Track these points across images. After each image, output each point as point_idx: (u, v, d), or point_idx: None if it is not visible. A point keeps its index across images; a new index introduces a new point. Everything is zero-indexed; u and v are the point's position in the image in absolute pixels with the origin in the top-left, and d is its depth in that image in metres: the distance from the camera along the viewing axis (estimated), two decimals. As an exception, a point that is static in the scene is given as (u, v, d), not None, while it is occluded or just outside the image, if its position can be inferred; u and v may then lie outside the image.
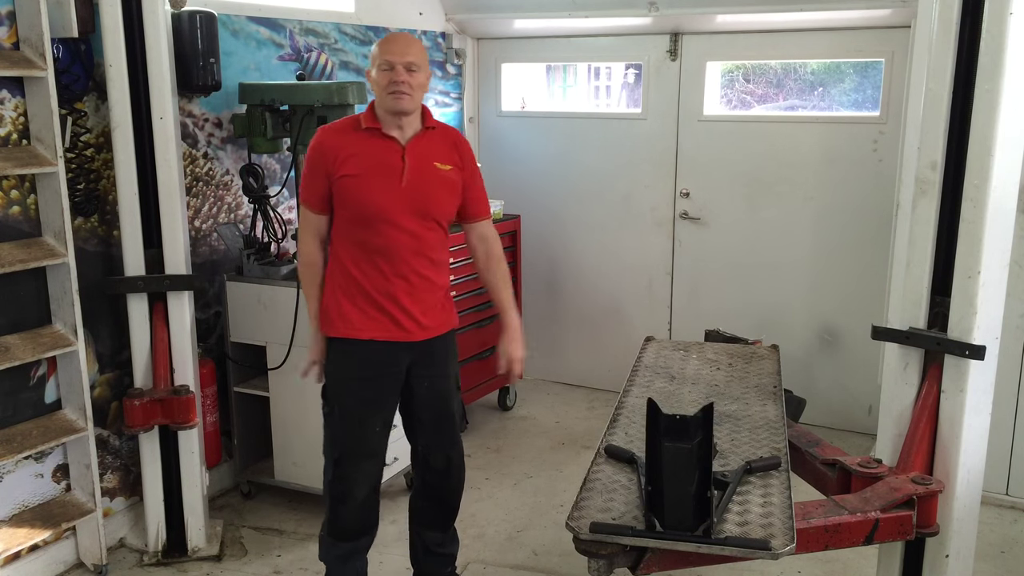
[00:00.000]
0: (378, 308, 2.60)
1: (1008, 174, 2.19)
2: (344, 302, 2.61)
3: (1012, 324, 3.40)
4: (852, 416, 4.45)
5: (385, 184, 2.55)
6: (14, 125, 2.88)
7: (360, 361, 2.64)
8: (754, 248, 4.54)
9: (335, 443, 2.70)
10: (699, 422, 1.90)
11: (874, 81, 4.27)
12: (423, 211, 2.59)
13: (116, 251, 3.18)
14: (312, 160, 2.58)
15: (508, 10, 4.66)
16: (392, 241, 2.56)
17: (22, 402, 3.00)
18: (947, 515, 2.32)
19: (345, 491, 2.72)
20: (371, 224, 2.55)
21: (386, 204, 2.54)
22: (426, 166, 2.60)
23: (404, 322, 2.62)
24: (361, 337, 2.61)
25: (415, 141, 2.59)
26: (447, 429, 2.81)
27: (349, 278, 2.60)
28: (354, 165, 2.54)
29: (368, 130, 2.57)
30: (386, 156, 2.56)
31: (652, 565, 1.97)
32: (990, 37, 2.13)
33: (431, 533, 2.91)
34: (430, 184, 2.60)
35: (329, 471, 2.73)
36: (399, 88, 2.49)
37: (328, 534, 2.80)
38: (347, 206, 2.56)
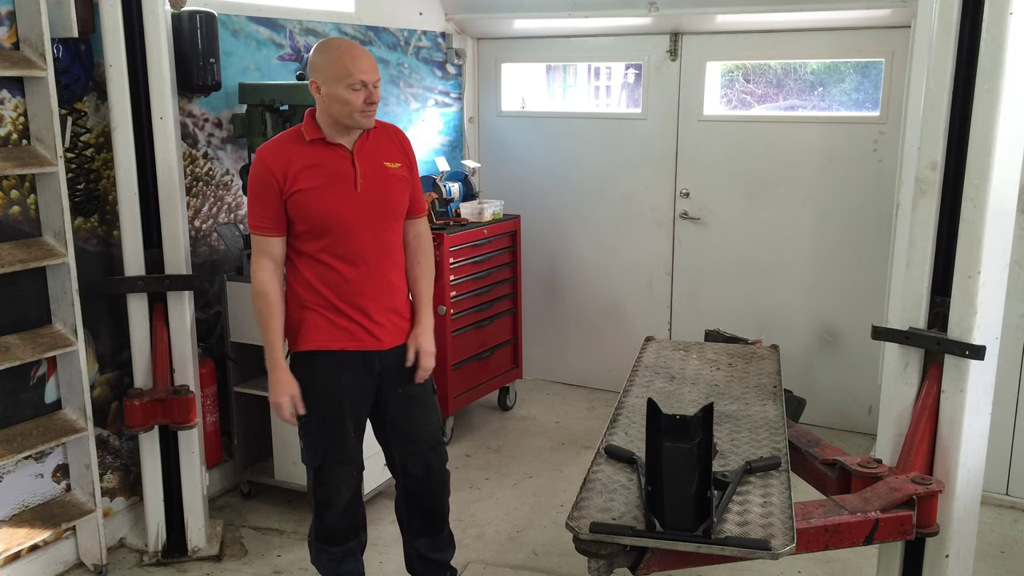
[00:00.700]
0: (347, 318, 2.57)
1: (1008, 174, 2.19)
2: (311, 316, 2.56)
3: (1012, 324, 3.40)
4: (852, 416, 4.45)
5: (341, 192, 2.51)
6: (14, 125, 2.88)
7: (332, 372, 2.60)
8: (754, 248, 4.54)
9: (313, 452, 2.67)
10: (699, 422, 1.90)
11: (874, 81, 4.27)
12: (382, 213, 2.57)
13: (116, 251, 3.19)
14: (259, 183, 2.49)
15: (508, 10, 4.66)
16: (356, 248, 2.53)
17: (22, 402, 3.00)
18: (947, 515, 2.32)
19: (328, 497, 2.70)
20: (332, 234, 2.51)
21: (345, 212, 2.50)
22: (377, 168, 2.57)
23: (374, 330, 2.60)
24: (332, 348, 2.58)
25: (361, 144, 2.55)
26: (424, 434, 2.75)
27: (313, 292, 2.56)
28: (306, 179, 2.48)
29: (313, 141, 2.51)
30: (336, 164, 2.52)
31: (652, 565, 1.97)
32: (990, 37, 2.13)
33: (421, 540, 2.87)
34: (384, 185, 2.58)
35: (311, 478, 2.72)
36: (373, 108, 2.48)
37: (317, 539, 2.79)
38: (305, 220, 2.50)
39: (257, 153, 2.55)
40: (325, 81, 2.44)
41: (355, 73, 2.41)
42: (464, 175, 4.67)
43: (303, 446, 2.71)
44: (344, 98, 2.43)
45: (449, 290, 4.12)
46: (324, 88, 2.45)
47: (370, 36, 4.33)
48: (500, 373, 4.65)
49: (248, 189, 2.56)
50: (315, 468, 2.68)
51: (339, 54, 2.45)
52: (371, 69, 2.45)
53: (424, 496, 2.80)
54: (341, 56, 2.44)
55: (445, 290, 4.09)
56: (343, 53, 2.45)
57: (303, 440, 2.69)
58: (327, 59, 2.45)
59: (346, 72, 2.41)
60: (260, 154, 2.53)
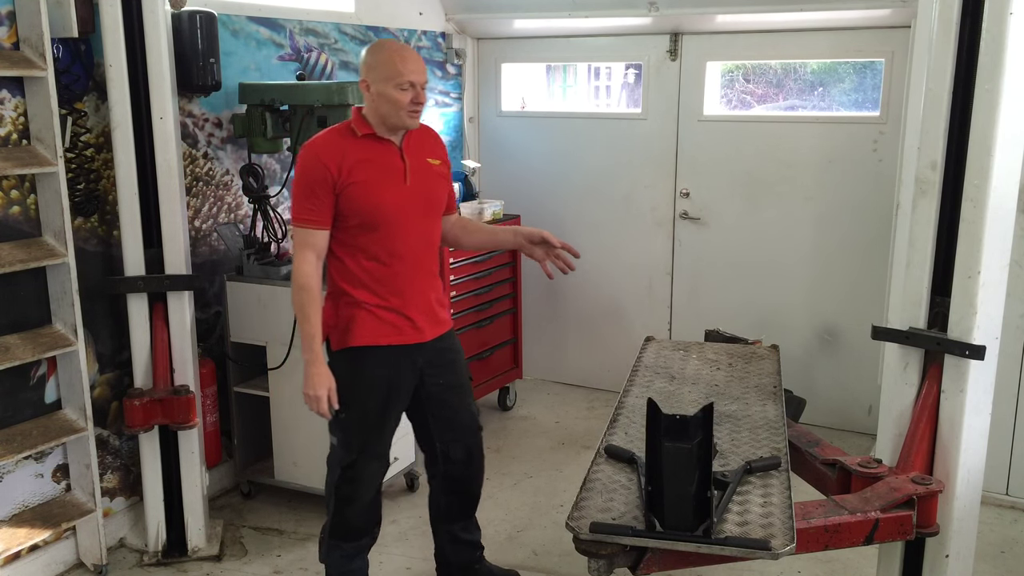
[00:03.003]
0: (394, 312, 2.62)
1: (1008, 174, 2.19)
2: (359, 312, 2.61)
3: (1012, 324, 3.40)
4: (852, 416, 4.45)
5: (391, 186, 2.58)
6: (14, 125, 2.88)
7: (379, 368, 2.64)
8: (754, 248, 4.54)
9: (348, 448, 2.69)
10: (699, 422, 1.90)
11: (874, 81, 4.27)
12: (428, 207, 2.66)
13: (116, 251, 3.18)
14: (311, 176, 2.53)
15: (508, 10, 4.66)
16: (404, 241, 2.60)
17: (22, 402, 3.00)
18: (947, 515, 2.32)
19: (353, 493, 2.72)
20: (382, 228, 2.57)
21: (395, 205, 2.57)
22: (422, 164, 2.66)
23: (419, 322, 2.66)
24: (378, 343, 2.61)
25: (407, 141, 2.64)
26: (466, 420, 2.86)
27: (362, 288, 2.60)
28: (360, 172, 2.54)
29: (365, 136, 2.58)
30: (387, 159, 2.59)
31: (652, 565, 1.97)
32: (990, 37, 2.13)
33: (457, 524, 2.96)
34: (430, 181, 2.67)
35: (336, 474, 2.73)
36: (419, 109, 2.55)
37: (331, 536, 2.79)
38: (357, 213, 2.55)
39: (307, 148, 2.58)
40: (375, 80, 2.51)
41: (404, 73, 2.49)
42: (464, 175, 4.67)
43: (336, 442, 2.72)
44: (392, 97, 2.50)
45: (449, 290, 4.13)
46: (374, 87, 2.52)
47: (370, 36, 4.32)
48: (500, 373, 4.65)
49: (296, 183, 2.58)
50: (346, 464, 2.70)
51: (389, 54, 2.53)
52: (420, 71, 2.53)
53: (465, 479, 2.91)
54: (392, 56, 2.52)
55: (445, 290, 4.09)
56: (393, 53, 2.53)
57: (337, 436, 2.71)
58: (378, 59, 2.53)
59: (395, 72, 2.49)
60: (311, 149, 2.57)
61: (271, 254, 3.64)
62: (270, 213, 3.65)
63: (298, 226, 2.58)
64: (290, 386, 3.54)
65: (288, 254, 3.69)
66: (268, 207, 3.65)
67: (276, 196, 3.73)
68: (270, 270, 3.52)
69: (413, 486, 3.83)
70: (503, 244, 2.98)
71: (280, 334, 3.48)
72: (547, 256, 2.84)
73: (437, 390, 2.76)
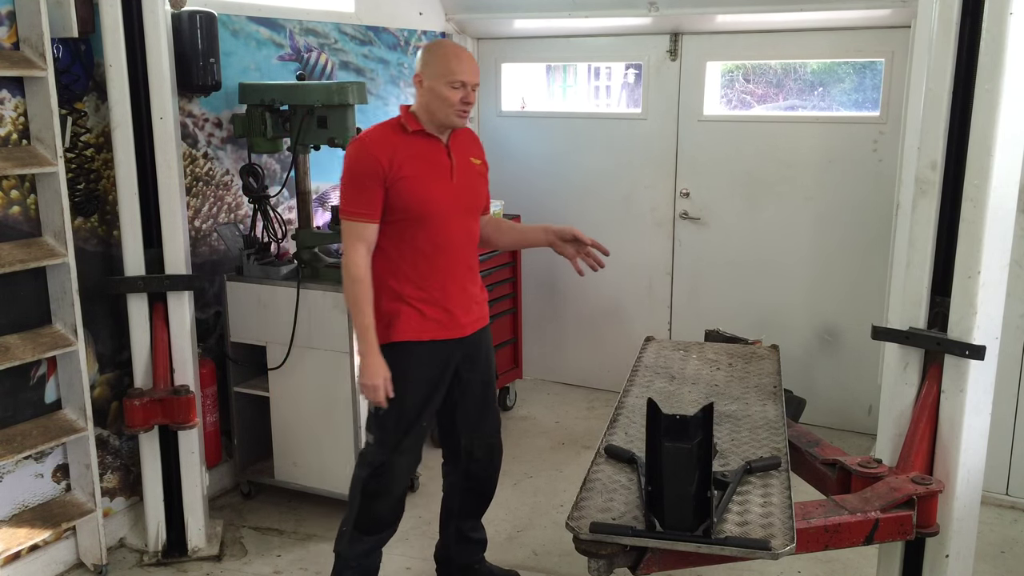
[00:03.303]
0: (437, 307, 2.66)
1: (1008, 174, 2.19)
2: (404, 307, 2.63)
3: (1012, 324, 3.40)
4: (852, 416, 4.45)
5: (439, 182, 2.63)
6: (14, 125, 2.88)
7: (419, 363, 2.66)
8: (754, 248, 4.54)
9: (383, 444, 2.71)
10: (699, 422, 1.90)
11: (874, 81, 4.27)
12: (471, 205, 2.73)
13: (116, 251, 3.18)
14: (363, 170, 2.56)
15: (508, 10, 4.66)
16: (448, 237, 2.65)
17: (22, 402, 3.00)
18: (947, 515, 2.32)
19: (383, 489, 2.74)
20: (428, 222, 2.61)
21: (442, 201, 2.62)
22: (466, 162, 2.72)
23: (460, 318, 2.70)
24: (421, 339, 2.64)
25: (453, 140, 2.69)
26: (492, 419, 2.91)
27: (407, 282, 2.64)
28: (410, 167, 2.58)
29: (415, 132, 2.62)
30: (435, 155, 2.65)
31: (652, 565, 1.97)
32: (990, 37, 2.13)
33: (468, 521, 2.99)
34: (472, 179, 2.74)
35: (365, 469, 2.74)
36: (468, 109, 2.60)
37: (355, 528, 2.79)
38: (406, 207, 2.58)
39: (358, 142, 2.62)
40: (429, 76, 2.58)
41: (458, 72, 2.55)
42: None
43: (372, 439, 2.73)
44: (443, 94, 2.56)
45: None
46: (427, 82, 2.58)
47: (370, 36, 4.33)
48: (500, 373, 4.65)
49: (346, 176, 2.60)
50: (380, 463, 2.71)
51: (446, 52, 2.61)
52: (473, 72, 2.60)
53: (484, 478, 2.94)
54: (447, 54, 2.59)
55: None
56: (449, 52, 2.60)
57: (375, 433, 2.73)
58: (434, 56, 2.60)
59: (449, 70, 2.55)
60: (364, 143, 2.60)
61: (271, 254, 3.64)
62: (270, 213, 3.65)
63: (349, 220, 2.60)
64: (290, 386, 3.54)
65: (287, 254, 3.69)
66: (268, 207, 3.65)
67: (276, 196, 3.73)
68: (270, 270, 3.52)
69: (413, 486, 3.83)
70: (534, 242, 2.98)
71: (280, 334, 3.48)
72: (578, 254, 2.87)
73: (470, 386, 2.80)
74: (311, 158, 3.62)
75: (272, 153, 3.72)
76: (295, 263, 3.54)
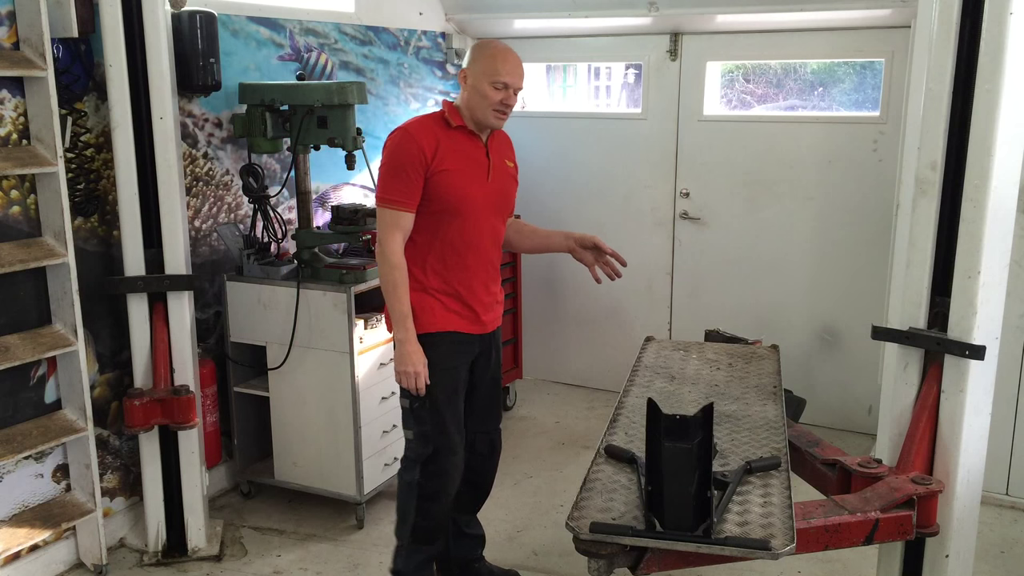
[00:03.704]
0: (460, 302, 2.69)
1: (1008, 174, 2.19)
2: (428, 299, 2.66)
3: (1012, 324, 3.40)
4: (852, 416, 4.45)
5: (476, 179, 2.66)
6: (14, 125, 2.88)
7: (445, 353, 2.68)
8: (754, 248, 4.54)
9: (425, 440, 2.71)
10: (699, 422, 1.90)
11: (874, 81, 4.27)
12: (502, 206, 2.76)
13: (116, 251, 3.19)
14: (405, 158, 2.57)
15: (508, 10, 4.66)
16: (478, 234, 2.67)
17: (22, 402, 3.00)
18: (947, 515, 2.32)
19: (439, 488, 2.73)
20: (462, 217, 2.63)
21: (477, 197, 2.65)
22: (502, 164, 2.76)
23: (481, 315, 2.74)
24: (446, 329, 2.66)
25: (491, 140, 2.72)
26: (496, 414, 2.95)
27: (434, 275, 2.66)
28: (451, 160, 2.60)
29: (458, 128, 2.65)
30: (474, 153, 2.68)
31: (652, 565, 1.97)
32: (990, 37, 2.12)
33: (466, 516, 3.00)
34: (506, 181, 2.77)
35: (415, 471, 2.73)
36: (507, 111, 2.63)
37: (413, 540, 2.77)
38: (443, 199, 2.60)
39: (403, 131, 2.62)
40: (473, 73, 2.61)
41: (501, 73, 2.58)
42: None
43: (412, 435, 2.73)
44: (485, 92, 2.59)
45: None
46: (471, 79, 2.62)
47: (370, 36, 4.33)
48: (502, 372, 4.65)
49: (387, 164, 2.61)
50: (427, 458, 2.70)
51: (492, 52, 2.63)
52: (517, 75, 2.63)
53: (482, 472, 2.95)
54: (494, 54, 2.62)
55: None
56: (496, 52, 2.62)
57: (414, 429, 2.72)
58: (481, 54, 2.63)
59: (493, 70, 2.58)
60: (408, 132, 2.61)
61: (271, 254, 3.64)
62: (270, 213, 3.65)
63: (386, 207, 2.59)
64: (290, 386, 3.54)
65: (287, 254, 3.69)
66: (268, 207, 3.65)
67: (276, 196, 3.73)
68: (270, 270, 3.52)
69: (413, 486, 3.83)
70: (554, 247, 2.98)
71: (280, 334, 3.48)
72: (596, 262, 2.87)
73: (481, 382, 2.83)
74: (311, 158, 3.62)
75: (272, 153, 3.72)
76: (295, 263, 3.54)
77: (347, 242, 3.62)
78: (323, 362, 3.44)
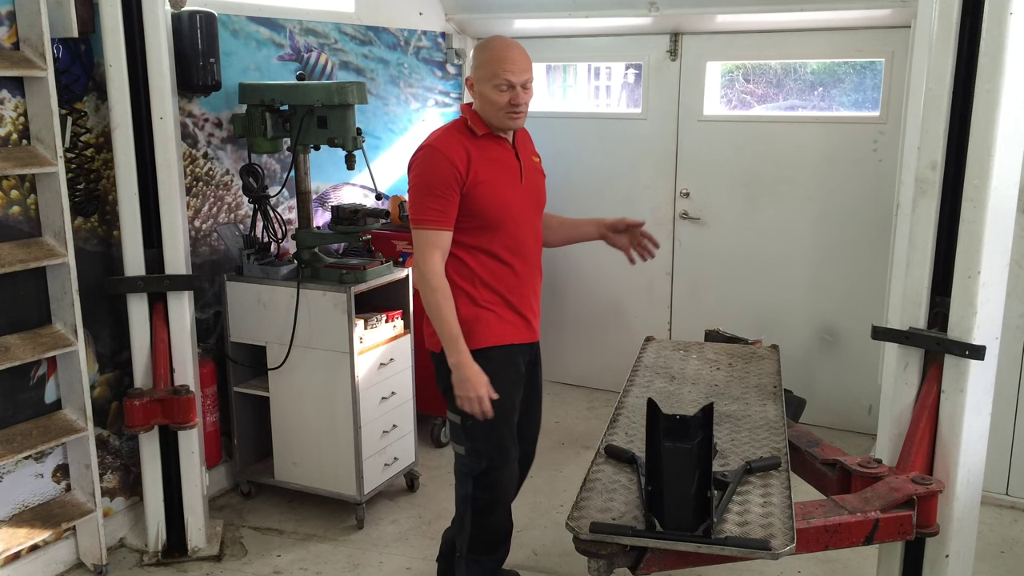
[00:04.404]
0: (513, 311, 2.63)
1: (1008, 174, 2.19)
2: (484, 313, 2.58)
3: (1012, 324, 3.40)
4: (852, 416, 4.45)
5: (510, 185, 2.59)
6: (14, 125, 2.88)
7: (502, 367, 2.59)
8: (754, 248, 4.54)
9: (479, 455, 2.63)
10: (699, 422, 1.90)
11: (874, 81, 4.27)
12: (537, 204, 2.72)
13: (116, 251, 3.19)
14: (440, 177, 2.47)
15: (508, 10, 4.66)
16: (521, 239, 2.62)
17: (22, 402, 3.00)
18: (947, 515, 2.32)
19: (495, 500, 2.68)
20: (503, 227, 2.57)
21: (514, 204, 2.59)
22: (530, 162, 2.70)
23: (532, 321, 2.70)
24: (503, 343, 2.59)
25: (517, 139, 2.66)
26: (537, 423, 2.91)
27: (484, 288, 2.59)
28: (484, 172, 2.52)
29: (485, 135, 2.57)
30: (504, 158, 2.61)
31: (652, 565, 1.97)
32: (990, 37, 2.13)
33: None
34: (537, 178, 2.72)
35: (468, 484, 2.67)
36: (519, 110, 2.52)
37: (471, 552, 2.72)
38: (481, 213, 2.52)
39: (432, 149, 2.51)
40: (478, 80, 2.53)
41: (500, 74, 2.47)
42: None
43: (464, 451, 2.65)
44: (490, 97, 2.49)
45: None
46: (476, 86, 2.53)
47: (370, 36, 4.33)
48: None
49: (418, 184, 2.51)
50: (481, 471, 2.64)
51: (491, 54, 2.51)
52: (519, 70, 2.48)
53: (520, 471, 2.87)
54: (492, 56, 2.50)
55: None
56: (495, 53, 2.50)
57: (466, 444, 2.63)
58: (481, 58, 2.53)
59: (492, 73, 2.48)
60: (438, 149, 2.50)
61: (271, 254, 3.64)
62: (270, 213, 3.65)
63: (422, 228, 2.50)
64: (290, 386, 3.54)
65: (287, 254, 3.69)
66: (268, 207, 3.65)
67: (276, 196, 3.73)
68: (270, 270, 3.52)
69: (413, 486, 3.84)
70: (585, 236, 2.92)
71: (280, 334, 3.48)
72: (631, 243, 2.85)
73: (529, 391, 2.77)
74: (311, 158, 3.62)
75: (272, 153, 3.72)
76: (295, 263, 3.54)
77: (347, 242, 3.62)
78: (323, 362, 3.44)
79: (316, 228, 3.76)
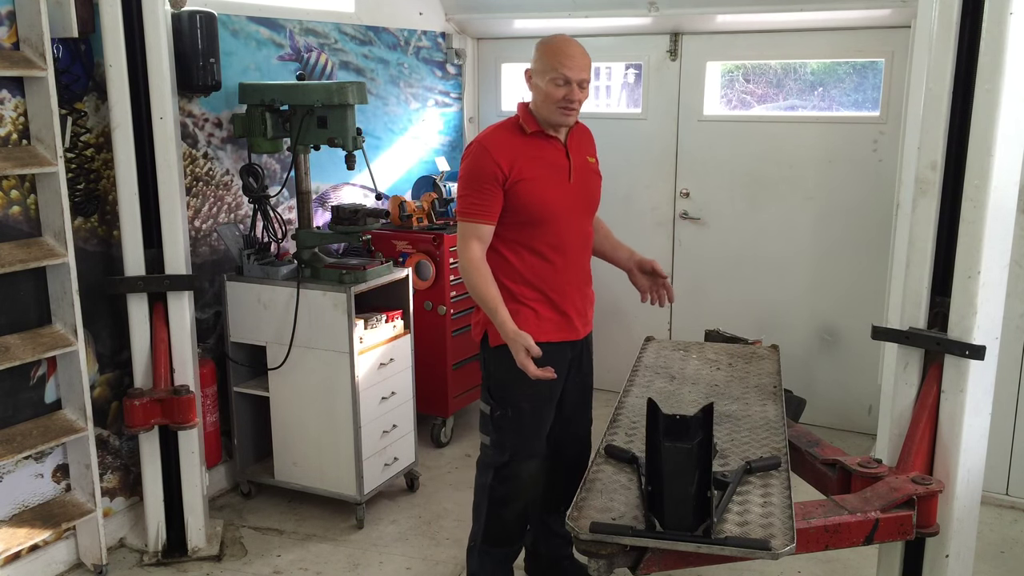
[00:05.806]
0: (554, 309, 2.65)
1: (1008, 174, 2.19)
2: (522, 309, 2.61)
3: (1012, 324, 3.40)
4: (852, 416, 4.45)
5: (557, 184, 2.61)
6: (14, 125, 2.88)
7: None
8: (754, 248, 4.54)
9: (501, 448, 2.67)
10: (699, 422, 1.90)
11: (874, 81, 4.27)
12: (587, 206, 2.72)
13: (116, 251, 3.19)
14: (482, 172, 2.54)
15: (508, 10, 4.66)
16: (564, 237, 2.63)
17: (22, 402, 3.00)
18: (947, 515, 2.32)
19: (510, 494, 2.71)
20: (546, 224, 2.59)
21: (560, 202, 2.60)
22: (583, 161, 2.70)
23: (575, 319, 2.70)
24: (540, 340, 2.57)
25: (571, 138, 2.67)
26: (588, 417, 2.91)
27: (524, 284, 2.62)
28: (529, 169, 2.56)
29: (534, 133, 2.60)
30: (553, 156, 2.63)
31: (652, 565, 1.97)
32: (990, 37, 2.13)
33: (554, 515, 2.93)
34: (589, 179, 2.72)
35: (488, 474, 2.71)
36: (572, 106, 2.55)
37: (484, 541, 2.76)
38: (523, 209, 2.56)
39: (479, 146, 2.58)
40: (536, 73, 2.57)
41: (559, 68, 2.50)
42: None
43: (488, 442, 2.70)
44: (546, 91, 2.53)
45: (449, 290, 4.12)
46: (534, 78, 2.57)
47: (370, 36, 4.33)
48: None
49: (464, 177, 2.59)
50: (501, 463, 2.68)
51: (552, 47, 2.55)
52: (578, 67, 2.52)
53: (573, 470, 2.87)
54: (552, 50, 2.54)
55: (445, 290, 4.09)
56: (555, 48, 2.54)
57: (490, 435, 2.69)
58: (541, 52, 2.57)
59: (550, 67, 2.51)
60: (483, 145, 2.57)
61: (271, 254, 3.64)
62: (270, 213, 3.65)
63: (464, 220, 2.58)
64: (290, 386, 3.54)
65: (287, 254, 3.69)
66: (268, 207, 3.65)
67: (276, 196, 3.73)
68: (270, 270, 3.52)
69: (413, 486, 3.84)
70: (617, 262, 2.95)
71: (280, 334, 3.48)
72: (651, 287, 2.88)
73: (575, 386, 2.79)
74: (311, 158, 3.62)
75: (272, 153, 3.72)
76: (295, 263, 3.54)
77: (347, 242, 3.62)
78: (323, 362, 3.44)
79: (316, 228, 3.76)
